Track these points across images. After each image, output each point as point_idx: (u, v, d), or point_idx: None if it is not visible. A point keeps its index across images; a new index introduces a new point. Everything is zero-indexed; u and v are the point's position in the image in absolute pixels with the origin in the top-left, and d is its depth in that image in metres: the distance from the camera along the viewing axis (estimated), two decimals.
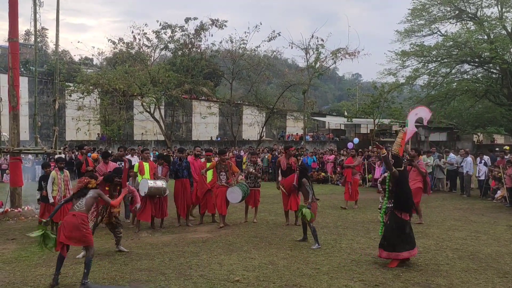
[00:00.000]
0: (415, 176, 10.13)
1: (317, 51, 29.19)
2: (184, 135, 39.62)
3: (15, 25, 12.06)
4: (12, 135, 12.05)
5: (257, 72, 31.54)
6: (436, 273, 6.25)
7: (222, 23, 29.97)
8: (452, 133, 38.96)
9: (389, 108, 33.75)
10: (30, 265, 6.84)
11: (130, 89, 28.27)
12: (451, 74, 31.13)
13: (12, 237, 8.93)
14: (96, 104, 31.83)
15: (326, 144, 33.62)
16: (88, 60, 43.25)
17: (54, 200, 9.06)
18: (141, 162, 9.71)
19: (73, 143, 29.76)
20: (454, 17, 30.34)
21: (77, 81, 29.05)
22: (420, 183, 10.07)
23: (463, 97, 31.19)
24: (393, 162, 6.92)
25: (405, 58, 30.68)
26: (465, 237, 8.57)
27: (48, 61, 42.96)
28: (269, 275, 6.13)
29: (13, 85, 11.83)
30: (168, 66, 30.98)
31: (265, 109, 32.55)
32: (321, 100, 76.33)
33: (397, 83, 31.88)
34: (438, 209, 12.27)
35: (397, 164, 6.89)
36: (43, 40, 55.33)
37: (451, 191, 16.03)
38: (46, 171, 9.64)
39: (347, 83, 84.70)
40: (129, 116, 32.21)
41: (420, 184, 10.10)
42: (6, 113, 12.32)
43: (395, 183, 6.75)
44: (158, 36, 30.10)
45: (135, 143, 32.34)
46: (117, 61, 32.08)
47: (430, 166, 16.03)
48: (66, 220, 5.95)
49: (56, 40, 13.74)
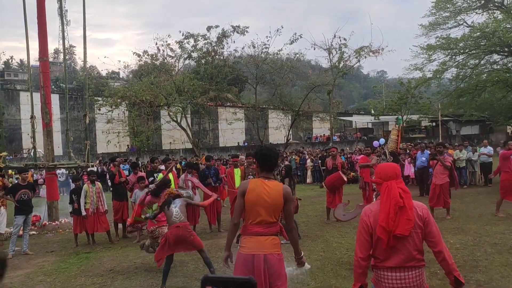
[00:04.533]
0: (442, 171, 10.01)
1: (340, 50, 28.99)
2: (211, 142, 39.99)
3: (44, 44, 12.47)
4: (47, 151, 12.47)
5: (281, 75, 31.50)
6: (475, 269, 6.10)
7: (243, 29, 30.14)
8: (484, 126, 37.89)
9: (417, 103, 33.14)
10: (69, 276, 7.05)
11: (156, 99, 28.72)
12: (480, 65, 30.28)
13: (51, 250, 9.24)
14: (125, 116, 32.51)
15: (354, 144, 33.26)
16: (114, 74, 44.30)
17: (87, 212, 9.26)
18: (164, 172, 9.79)
19: (104, 156, 30.52)
20: (480, 7, 29.56)
21: (105, 95, 29.73)
22: (447, 178, 9.95)
23: (494, 88, 30.24)
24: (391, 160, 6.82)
25: (431, 52, 30.04)
26: (503, 231, 8.31)
27: (77, 77, 44.26)
28: (303, 277, 6.11)
29: (45, 103, 12.24)
30: (192, 75, 31.34)
31: (291, 111, 32.45)
32: (347, 99, 75.65)
33: (424, 78, 31.24)
34: (474, 204, 11.94)
35: (394, 161, 6.78)
36: (71, 57, 57.11)
37: (486, 185, 15.57)
38: (76, 184, 9.89)
39: (373, 81, 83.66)
40: (156, 126, 32.72)
41: (448, 178, 9.98)
42: (40, 130, 12.73)
43: None
44: (181, 46, 30.52)
45: (164, 152, 32.86)
46: (143, 73, 32.69)
47: (463, 160, 15.66)
48: (171, 234, 5.91)
49: (84, 57, 14.15)
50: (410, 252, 2.98)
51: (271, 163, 3.79)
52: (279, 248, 3.71)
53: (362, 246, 3.08)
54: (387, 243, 2.96)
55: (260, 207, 3.62)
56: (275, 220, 3.70)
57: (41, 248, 9.42)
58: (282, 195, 3.67)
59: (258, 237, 3.63)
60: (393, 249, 2.98)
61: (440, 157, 10.20)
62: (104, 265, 7.60)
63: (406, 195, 3.04)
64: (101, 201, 9.52)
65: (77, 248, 9.26)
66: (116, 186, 10.38)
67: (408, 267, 2.99)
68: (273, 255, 3.63)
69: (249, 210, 3.68)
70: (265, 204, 3.62)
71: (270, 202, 3.62)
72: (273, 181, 3.75)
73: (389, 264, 3.01)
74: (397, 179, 3.12)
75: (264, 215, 3.63)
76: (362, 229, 3.10)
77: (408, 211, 2.98)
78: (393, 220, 2.95)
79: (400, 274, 2.99)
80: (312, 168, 21.21)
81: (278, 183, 3.83)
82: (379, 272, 3.09)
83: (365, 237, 3.07)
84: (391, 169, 3.17)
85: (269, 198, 3.62)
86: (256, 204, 3.63)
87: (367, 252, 3.07)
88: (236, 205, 3.82)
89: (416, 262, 3.01)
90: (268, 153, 3.80)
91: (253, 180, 3.81)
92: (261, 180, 3.73)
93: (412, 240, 2.99)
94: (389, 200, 3.02)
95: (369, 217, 3.09)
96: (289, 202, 3.74)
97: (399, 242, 2.97)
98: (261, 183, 3.70)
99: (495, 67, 30.39)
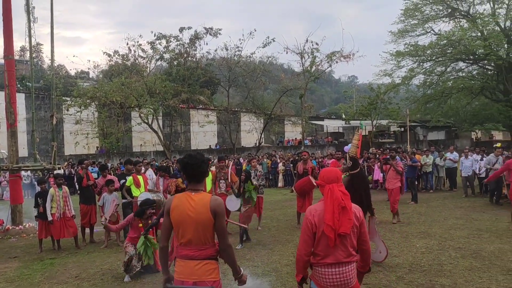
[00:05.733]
0: (394, 176, 10.44)
1: (312, 55, 29.33)
2: (183, 145, 39.62)
3: (10, 42, 12.10)
4: (11, 152, 12.06)
5: (253, 78, 31.60)
6: (440, 273, 6.25)
7: (216, 31, 30.10)
8: (450, 131, 39.06)
9: (386, 109, 33.87)
10: (33, 283, 6.83)
11: (127, 101, 28.30)
12: (446, 72, 31.22)
13: (14, 255, 8.93)
14: (94, 118, 31.87)
15: (325, 148, 33.65)
16: (84, 73, 43.36)
17: (53, 217, 8.96)
18: (135, 175, 9.64)
19: (72, 158, 29.78)
20: (447, 15, 30.48)
21: (74, 95, 29.07)
22: (399, 183, 10.39)
23: (460, 94, 31.25)
24: (351, 165, 6.91)
25: (400, 59, 30.77)
26: (467, 235, 8.57)
27: (44, 76, 43.01)
28: (273, 283, 6.11)
29: (10, 102, 11.86)
30: (164, 76, 31.03)
31: (263, 115, 32.58)
32: (319, 103, 76.51)
33: (393, 83, 31.98)
34: (439, 208, 12.27)
35: (354, 166, 6.89)
36: (38, 56, 55.49)
37: (451, 190, 16.02)
38: (42, 187, 9.57)
39: (344, 85, 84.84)
40: (127, 128, 32.18)
41: (399, 183, 10.41)
42: (4, 130, 12.34)
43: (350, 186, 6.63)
44: (153, 47, 30.20)
45: (134, 154, 32.34)
46: (113, 74, 32.11)
47: (430, 165, 16.07)
48: None
49: (51, 56, 13.80)
50: (348, 249, 3.26)
51: (197, 172, 3.31)
52: (215, 274, 3.24)
53: (305, 243, 3.29)
54: (334, 241, 3.18)
55: (186, 225, 3.18)
56: (207, 241, 3.23)
57: (4, 254, 9.09)
58: (209, 208, 3.18)
59: (188, 262, 3.22)
60: (334, 246, 3.22)
61: (392, 162, 10.66)
62: (70, 271, 7.39)
63: (346, 197, 3.30)
64: (68, 205, 9.24)
65: (42, 253, 8.97)
66: (84, 190, 10.11)
67: (345, 262, 3.26)
68: (205, 283, 3.19)
69: (175, 230, 3.26)
70: (190, 222, 3.17)
71: (196, 218, 3.16)
72: (200, 194, 3.28)
73: (328, 261, 3.25)
74: (338, 182, 3.38)
75: (192, 234, 3.18)
76: (306, 227, 3.29)
77: (349, 212, 3.25)
78: (338, 219, 3.20)
79: (338, 270, 3.25)
80: (283, 172, 21.31)
81: (206, 194, 3.32)
82: (319, 269, 3.31)
83: (309, 235, 3.27)
84: (333, 173, 3.43)
85: (194, 214, 3.17)
86: (182, 222, 3.19)
87: (309, 248, 3.29)
88: (162, 226, 3.35)
89: (352, 257, 3.30)
90: (192, 161, 3.31)
91: (178, 196, 3.34)
92: (187, 194, 3.29)
93: (350, 238, 3.26)
94: (332, 201, 3.26)
95: (313, 216, 3.29)
96: (220, 216, 3.22)
97: (340, 240, 3.23)
98: (186, 197, 3.25)
99: (460, 75, 31.41)
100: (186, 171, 3.34)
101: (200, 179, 3.34)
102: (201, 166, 3.32)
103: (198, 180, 3.34)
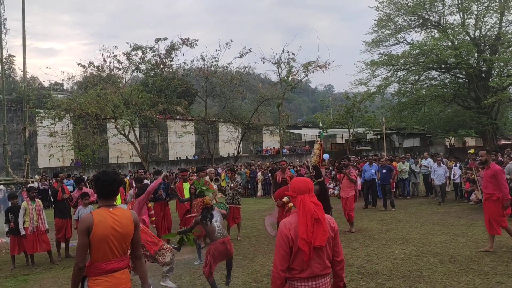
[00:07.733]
0: (348, 184, 10.51)
1: (288, 65, 29.56)
2: (160, 156, 39.24)
3: None
4: None
5: (231, 88, 31.63)
6: (419, 278, 6.31)
7: (192, 42, 30.01)
8: (425, 138, 39.81)
9: (362, 117, 34.32)
10: None
11: (103, 112, 27.90)
12: (419, 81, 31.87)
13: None
14: (69, 130, 31.25)
15: (303, 156, 33.83)
16: (58, 85, 42.57)
17: (26, 231, 8.73)
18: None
19: (46, 170, 29.10)
20: (418, 26, 31.21)
21: (48, 107, 28.49)
22: (354, 191, 10.48)
23: (433, 102, 31.95)
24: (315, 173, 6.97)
25: (374, 68, 31.26)
26: (445, 240, 8.70)
27: (17, 88, 42.09)
28: None
29: None
30: (140, 87, 30.75)
31: (241, 125, 32.59)
32: (296, 113, 77.14)
33: (369, 92, 32.44)
34: (416, 214, 12.44)
35: (318, 174, 6.95)
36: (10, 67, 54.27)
37: (428, 196, 16.29)
38: (13, 202, 9.30)
39: (320, 94, 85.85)
40: (103, 140, 31.69)
41: (354, 192, 10.50)
42: None
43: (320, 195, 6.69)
44: (128, 58, 29.91)
45: (111, 166, 31.83)
46: (88, 85, 31.65)
47: (406, 172, 16.32)
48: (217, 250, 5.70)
49: (23, 67, 13.55)
50: (324, 261, 3.16)
51: (110, 189, 3.40)
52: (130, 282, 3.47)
53: (282, 258, 3.13)
54: (308, 255, 3.06)
55: (113, 240, 3.26)
56: (125, 251, 3.42)
57: None
58: (133, 221, 3.41)
59: (114, 274, 3.30)
60: (311, 260, 3.10)
61: (345, 171, 10.71)
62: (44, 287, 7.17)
63: (318, 208, 3.18)
64: (41, 219, 9.03)
65: (15, 270, 8.68)
66: (59, 203, 9.87)
67: (321, 275, 3.16)
68: None
69: (99, 247, 3.25)
70: (117, 236, 3.28)
71: (122, 232, 3.31)
72: (118, 209, 3.43)
73: (305, 275, 3.12)
74: (310, 193, 3.25)
75: (118, 248, 3.31)
76: (283, 242, 3.14)
77: (323, 223, 3.13)
78: (311, 232, 3.08)
79: (314, 283, 3.14)
80: (262, 181, 21.30)
81: (124, 209, 3.51)
82: (294, 283, 3.17)
83: (286, 250, 3.12)
84: (304, 184, 3.30)
85: (121, 228, 3.30)
86: (108, 237, 3.25)
87: (286, 263, 3.15)
88: (79, 246, 3.25)
89: (328, 269, 3.20)
90: (105, 177, 3.40)
91: (97, 212, 3.34)
92: (106, 210, 3.35)
93: (326, 250, 3.16)
94: (305, 213, 3.13)
95: (289, 230, 3.14)
96: (138, 227, 3.46)
97: (316, 253, 3.11)
98: (108, 213, 3.32)
99: (433, 83, 32.10)
100: (97, 187, 3.41)
101: (111, 196, 3.43)
102: (113, 184, 3.41)
103: (110, 196, 3.43)
